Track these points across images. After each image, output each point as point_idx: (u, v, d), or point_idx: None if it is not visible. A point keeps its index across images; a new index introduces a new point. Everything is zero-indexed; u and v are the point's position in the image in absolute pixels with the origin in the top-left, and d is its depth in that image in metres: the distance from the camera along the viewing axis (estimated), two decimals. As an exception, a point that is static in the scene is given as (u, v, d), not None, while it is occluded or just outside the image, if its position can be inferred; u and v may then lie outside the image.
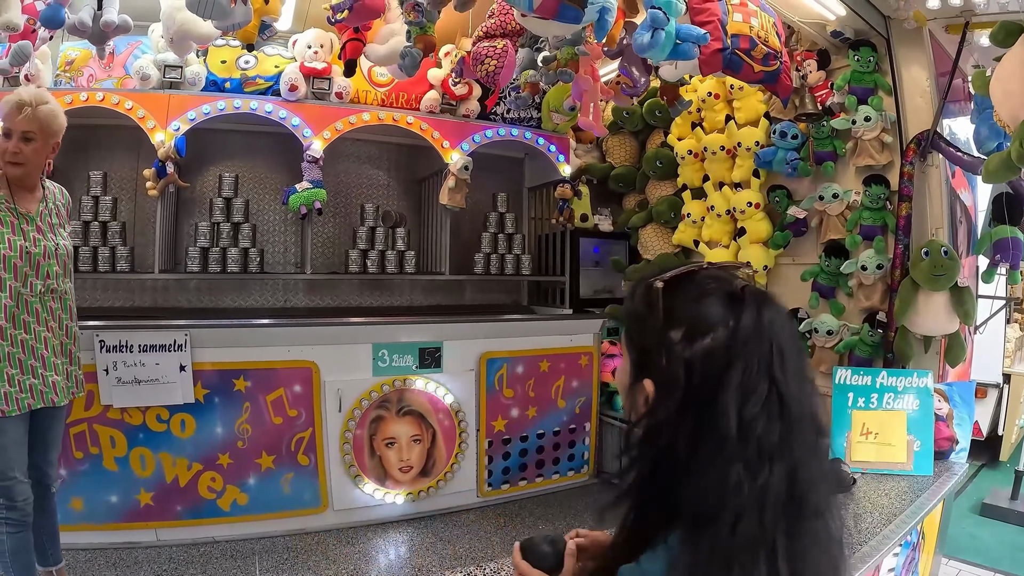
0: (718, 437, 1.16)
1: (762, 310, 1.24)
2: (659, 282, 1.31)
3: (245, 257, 5.93)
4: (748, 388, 1.18)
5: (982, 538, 6.54)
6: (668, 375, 1.24)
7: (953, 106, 5.10)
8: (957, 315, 4.64)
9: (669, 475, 1.22)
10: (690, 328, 1.25)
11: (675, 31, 3.52)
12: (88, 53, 5.51)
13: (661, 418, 1.24)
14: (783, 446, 1.19)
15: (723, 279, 1.32)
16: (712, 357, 1.21)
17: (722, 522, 1.14)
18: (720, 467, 1.15)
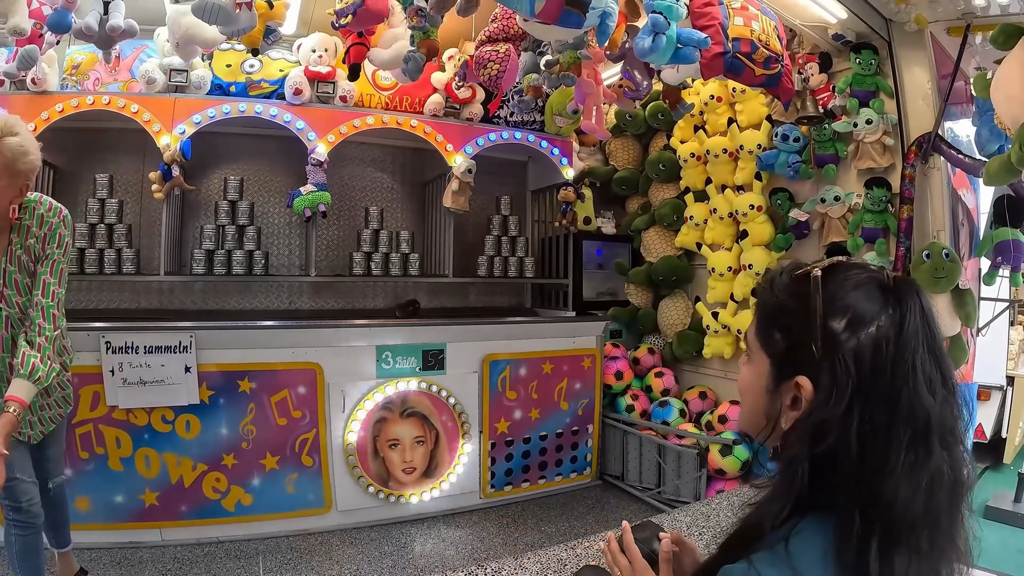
0: (916, 429, 1.15)
1: (922, 298, 1.23)
2: (816, 270, 1.29)
3: (250, 259, 5.97)
4: (929, 375, 1.17)
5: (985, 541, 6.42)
6: (833, 368, 1.19)
7: (955, 108, 5.11)
8: (959, 317, 4.65)
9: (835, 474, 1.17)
10: (853, 317, 1.21)
11: (676, 35, 3.54)
12: (94, 57, 5.55)
13: (829, 415, 1.18)
14: (958, 426, 1.20)
15: (870, 269, 1.30)
16: (880, 346, 1.18)
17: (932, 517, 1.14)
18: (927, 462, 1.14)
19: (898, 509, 1.11)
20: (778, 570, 1.13)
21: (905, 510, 1.11)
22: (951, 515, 1.17)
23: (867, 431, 1.14)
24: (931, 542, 1.13)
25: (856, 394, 1.16)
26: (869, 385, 1.16)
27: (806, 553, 1.14)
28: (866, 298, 1.22)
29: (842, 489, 1.15)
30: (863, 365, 1.17)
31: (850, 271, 1.28)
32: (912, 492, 1.11)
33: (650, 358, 7.00)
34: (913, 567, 1.10)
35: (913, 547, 1.11)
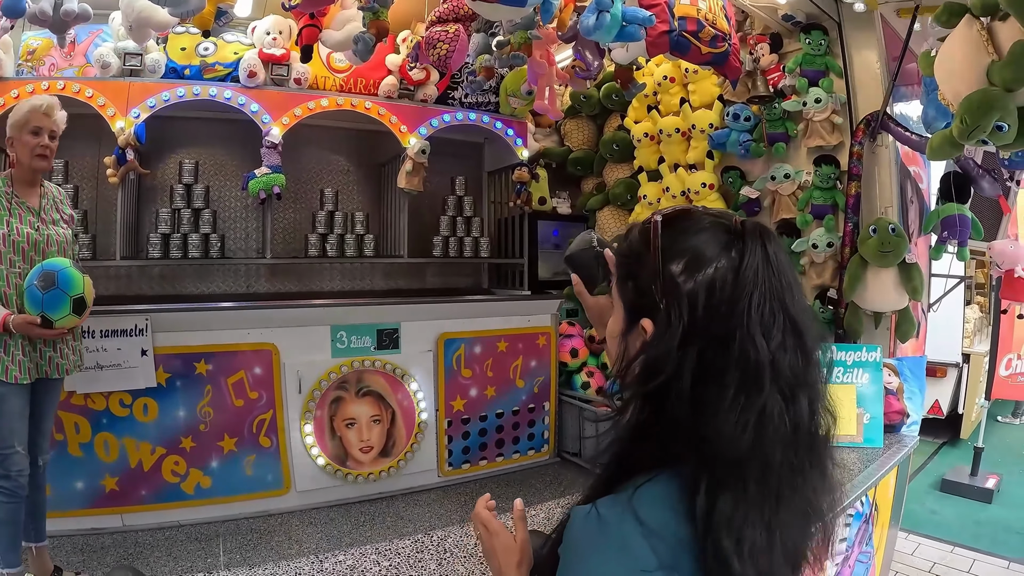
0: (746, 370, 1.14)
1: (765, 241, 1.23)
2: (657, 217, 1.30)
3: (206, 243, 5.95)
4: (767, 318, 1.17)
5: (942, 513, 6.66)
6: (668, 310, 1.20)
7: (906, 89, 5.18)
8: (906, 291, 4.72)
9: (678, 415, 1.16)
10: (690, 260, 1.22)
11: (621, 13, 3.58)
12: (49, 42, 5.48)
13: (660, 352, 1.19)
14: (806, 378, 1.21)
15: (719, 215, 1.31)
16: (716, 288, 1.18)
17: (762, 461, 1.14)
18: (754, 403, 1.14)
19: (722, 448, 1.12)
20: (616, 511, 1.15)
21: (729, 450, 1.12)
22: (789, 463, 1.17)
23: (700, 371, 1.15)
24: (760, 488, 1.14)
25: (690, 334, 1.17)
26: (704, 326, 1.17)
27: (648, 497, 1.16)
28: (706, 242, 1.24)
29: (679, 434, 1.17)
30: (696, 306, 1.18)
31: (696, 216, 1.31)
32: (738, 432, 1.12)
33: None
34: (740, 511, 1.11)
35: (738, 489, 1.12)
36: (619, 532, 1.12)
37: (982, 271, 10.89)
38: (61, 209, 4.04)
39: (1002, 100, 3.29)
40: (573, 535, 1.19)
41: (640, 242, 1.32)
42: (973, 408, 9.10)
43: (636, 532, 1.11)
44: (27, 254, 3.73)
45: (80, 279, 3.73)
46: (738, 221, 1.28)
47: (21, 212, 3.76)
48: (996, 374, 7.80)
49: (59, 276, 3.64)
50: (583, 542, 1.16)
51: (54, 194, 4.02)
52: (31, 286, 3.60)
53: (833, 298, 5.10)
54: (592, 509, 1.18)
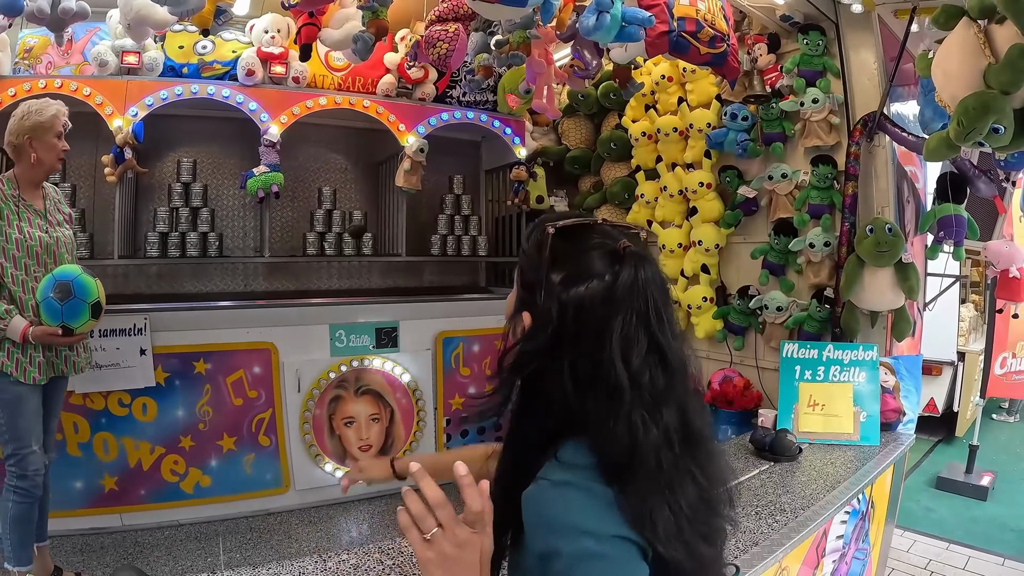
0: (610, 387, 1.27)
1: (639, 268, 1.33)
2: (551, 227, 1.41)
3: (204, 242, 5.96)
4: (629, 340, 1.29)
5: (937, 510, 6.69)
6: (543, 312, 1.34)
7: (903, 90, 5.19)
8: (902, 290, 4.73)
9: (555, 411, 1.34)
10: (569, 274, 1.34)
11: (621, 14, 3.59)
12: (47, 40, 5.48)
13: (529, 349, 1.34)
14: (669, 391, 1.33)
15: (610, 235, 1.40)
16: (585, 305, 1.31)
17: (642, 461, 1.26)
18: (621, 415, 1.27)
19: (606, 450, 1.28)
20: (561, 471, 1.29)
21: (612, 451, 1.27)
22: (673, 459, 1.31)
23: (575, 378, 1.30)
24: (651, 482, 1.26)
25: (560, 340, 1.32)
26: (574, 336, 1.31)
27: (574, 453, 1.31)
28: (589, 261, 1.36)
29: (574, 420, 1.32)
30: (566, 316, 1.32)
31: (587, 233, 1.42)
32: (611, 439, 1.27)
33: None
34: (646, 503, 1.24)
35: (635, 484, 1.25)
36: (575, 482, 1.26)
37: (977, 270, 10.91)
38: (61, 209, 4.08)
39: (999, 103, 3.31)
40: (543, 509, 1.27)
41: (534, 243, 1.44)
42: (968, 406, 9.13)
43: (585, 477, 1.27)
44: (40, 258, 3.78)
45: (94, 283, 3.78)
46: (623, 245, 1.37)
47: (29, 215, 3.79)
48: (991, 372, 7.83)
49: (74, 285, 3.68)
50: (559, 507, 1.25)
51: (53, 194, 4.06)
52: (47, 299, 3.62)
53: (830, 297, 5.11)
54: (542, 481, 1.29)
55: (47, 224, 3.88)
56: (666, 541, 1.22)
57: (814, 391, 4.49)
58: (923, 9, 4.55)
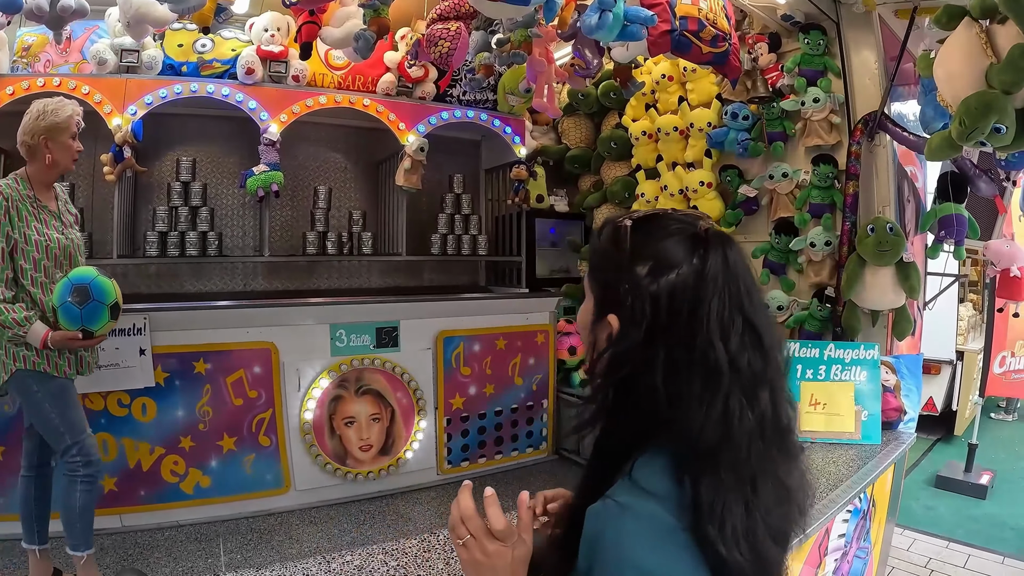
0: (708, 370, 1.23)
1: (726, 249, 1.30)
2: (627, 220, 1.38)
3: (203, 241, 5.93)
4: (724, 322, 1.25)
5: (937, 509, 6.71)
6: (633, 309, 1.28)
7: (903, 89, 5.20)
8: (903, 290, 4.74)
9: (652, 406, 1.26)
10: (656, 264, 1.29)
11: (623, 13, 3.59)
12: (45, 38, 5.46)
13: (625, 348, 1.29)
14: (764, 374, 1.28)
15: (687, 221, 1.37)
16: (678, 292, 1.26)
17: (731, 451, 1.22)
18: (717, 400, 1.22)
19: (695, 440, 1.21)
20: (632, 495, 1.22)
21: (701, 440, 1.21)
22: (759, 452, 1.25)
23: (669, 369, 1.24)
24: (735, 476, 1.21)
25: (655, 333, 1.26)
26: (667, 326, 1.25)
27: (650, 475, 1.24)
28: (672, 247, 1.31)
29: (661, 421, 1.25)
30: (659, 307, 1.26)
31: (664, 221, 1.38)
32: (706, 425, 1.21)
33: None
34: (719, 498, 1.18)
35: (715, 479, 1.20)
36: (643, 510, 1.19)
37: (975, 269, 10.93)
38: (70, 210, 4.09)
39: (1000, 102, 3.32)
40: (600, 529, 1.22)
41: (610, 241, 1.39)
42: (967, 404, 9.15)
43: (656, 505, 1.19)
44: (58, 259, 3.79)
45: (111, 284, 3.83)
46: (703, 228, 1.34)
47: (45, 216, 3.80)
48: (990, 371, 7.84)
49: (92, 288, 3.73)
50: (613, 532, 1.19)
51: (62, 195, 4.06)
52: (65, 303, 3.65)
53: (831, 296, 5.12)
54: (609, 502, 1.23)
55: (62, 225, 3.89)
56: (732, 542, 1.17)
57: (816, 390, 4.50)
58: (924, 9, 4.57)
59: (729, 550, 1.16)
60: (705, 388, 1.22)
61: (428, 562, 2.27)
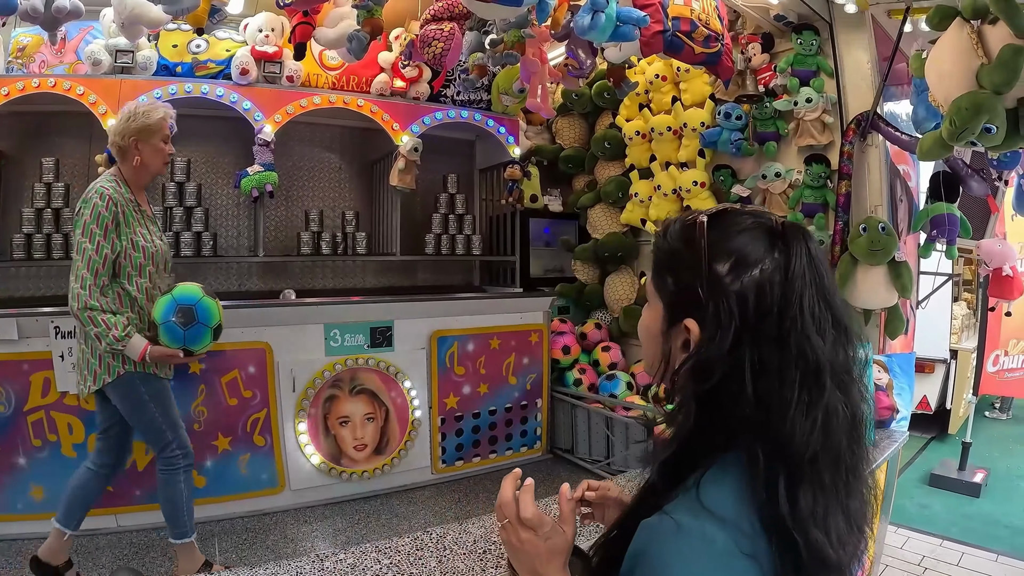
0: (807, 369, 1.17)
1: (808, 242, 1.25)
2: (702, 216, 1.31)
3: (198, 241, 5.95)
4: (818, 317, 1.19)
5: (931, 507, 6.70)
6: (717, 310, 1.21)
7: (896, 89, 5.21)
8: (895, 288, 4.75)
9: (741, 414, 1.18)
10: (737, 261, 1.23)
11: (616, 14, 3.61)
12: (40, 39, 5.47)
13: (713, 354, 1.20)
14: (854, 369, 1.24)
15: (758, 214, 1.32)
16: (765, 289, 1.20)
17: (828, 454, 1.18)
18: (821, 400, 1.17)
19: (796, 446, 1.14)
20: (692, 515, 1.14)
21: (803, 447, 1.14)
22: (852, 450, 1.21)
23: (759, 371, 1.17)
24: (833, 477, 1.17)
25: (742, 334, 1.19)
26: (755, 326, 1.19)
27: (716, 494, 1.16)
28: (751, 242, 1.25)
29: (744, 430, 1.18)
30: (747, 306, 1.20)
31: (737, 217, 1.32)
32: (809, 429, 1.15)
33: (597, 333, 7.10)
34: (820, 503, 1.14)
35: (816, 483, 1.15)
36: (700, 533, 1.11)
37: (969, 268, 10.94)
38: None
39: (991, 103, 3.33)
40: (652, 546, 1.16)
41: (681, 239, 1.33)
42: (961, 403, 9.16)
43: (717, 529, 1.11)
44: (159, 266, 3.91)
45: (215, 305, 3.95)
46: (778, 221, 1.30)
47: (146, 222, 3.89)
48: (983, 370, 7.86)
49: (198, 309, 3.84)
50: (666, 551, 1.14)
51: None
52: (169, 323, 3.75)
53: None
54: (665, 518, 1.16)
55: (158, 231, 3.99)
56: (837, 546, 1.15)
57: (808, 389, 4.50)
58: (916, 9, 4.57)
59: (837, 553, 1.14)
60: (803, 388, 1.16)
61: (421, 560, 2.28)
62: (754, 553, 1.10)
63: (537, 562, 1.39)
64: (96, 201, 3.63)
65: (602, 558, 1.41)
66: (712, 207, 1.36)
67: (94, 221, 3.60)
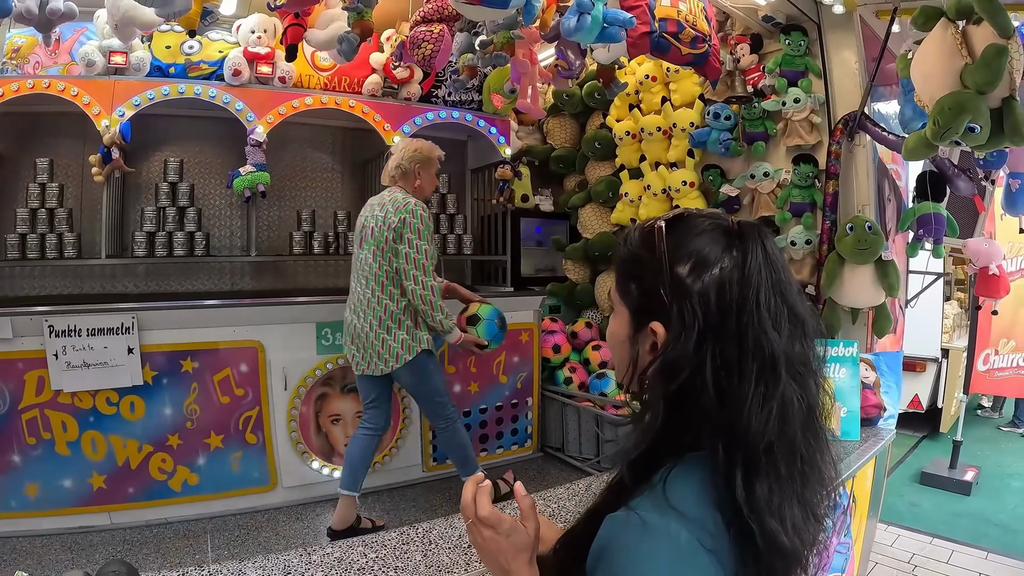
0: (763, 363, 1.21)
1: (763, 239, 1.29)
2: (660, 222, 1.35)
3: (191, 241, 5.98)
4: (774, 312, 1.23)
5: (921, 505, 6.73)
6: (681, 311, 1.24)
7: (884, 89, 5.24)
8: (882, 287, 4.78)
9: (704, 408, 1.21)
10: (697, 262, 1.26)
11: (602, 15, 3.63)
12: (34, 40, 5.48)
13: (679, 354, 1.23)
14: (811, 361, 1.28)
15: (714, 216, 1.35)
16: (724, 287, 1.23)
17: (786, 446, 1.21)
18: (777, 392, 1.21)
19: (752, 437, 1.18)
20: (657, 512, 1.16)
21: (759, 438, 1.18)
22: (808, 441, 1.24)
23: (719, 366, 1.20)
24: (789, 467, 1.20)
25: (705, 333, 1.22)
26: (717, 324, 1.22)
27: (682, 491, 1.19)
28: (709, 243, 1.28)
29: (704, 425, 1.21)
30: (709, 305, 1.23)
31: (694, 220, 1.35)
32: (764, 421, 1.18)
33: (587, 332, 7.12)
34: (776, 494, 1.17)
35: (772, 473, 1.19)
36: (666, 531, 1.13)
37: (961, 268, 10.98)
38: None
39: (974, 102, 3.36)
40: (617, 541, 1.19)
41: (642, 245, 1.37)
42: (952, 402, 9.20)
43: (681, 528, 1.13)
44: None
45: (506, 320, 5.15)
46: (734, 222, 1.33)
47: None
48: (974, 369, 7.89)
49: (504, 322, 5.10)
50: (631, 546, 1.15)
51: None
52: (491, 322, 5.01)
53: (811, 294, 5.14)
54: (631, 514, 1.19)
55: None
56: (792, 535, 1.18)
57: (795, 387, 4.52)
58: (904, 10, 4.59)
59: (791, 541, 1.17)
60: (759, 381, 1.20)
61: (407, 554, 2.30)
62: (715, 549, 1.13)
63: (502, 558, 1.45)
64: (421, 213, 4.54)
65: (567, 552, 1.43)
66: (668, 212, 1.40)
67: (426, 228, 4.54)
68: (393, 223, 4.50)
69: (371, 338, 4.53)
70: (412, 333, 4.57)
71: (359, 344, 4.62)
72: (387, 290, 4.54)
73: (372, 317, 4.54)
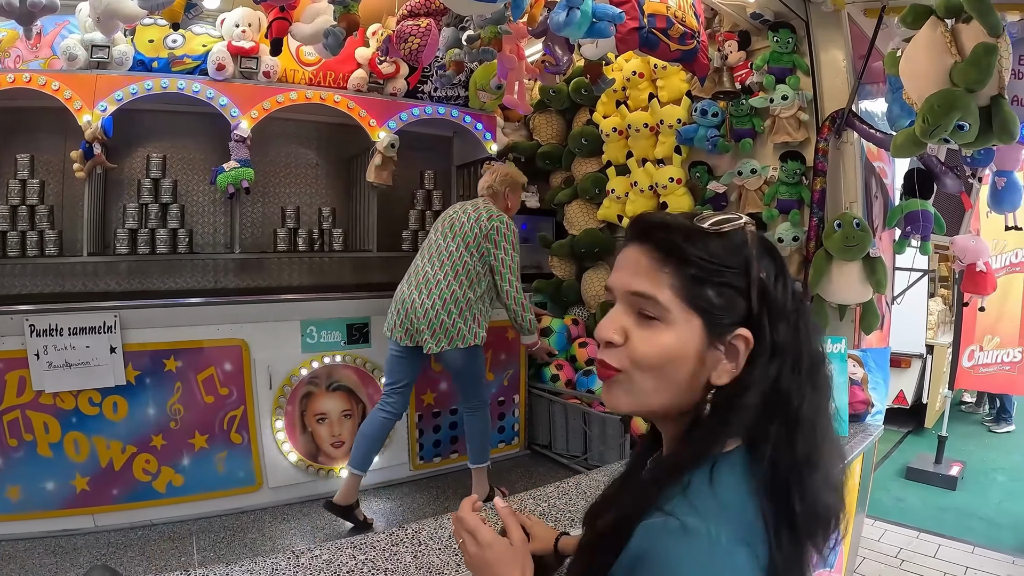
0: (814, 363, 1.25)
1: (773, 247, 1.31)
2: (751, 225, 1.27)
3: (174, 238, 5.93)
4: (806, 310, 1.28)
5: (907, 500, 6.76)
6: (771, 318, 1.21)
7: (871, 87, 5.24)
8: (870, 284, 4.78)
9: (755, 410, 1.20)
10: (770, 265, 1.24)
11: (591, 10, 3.60)
12: (15, 34, 5.40)
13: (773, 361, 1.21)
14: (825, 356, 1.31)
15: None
16: (788, 288, 1.24)
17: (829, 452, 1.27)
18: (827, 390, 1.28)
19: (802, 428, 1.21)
20: (696, 515, 1.12)
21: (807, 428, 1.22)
22: (829, 422, 1.29)
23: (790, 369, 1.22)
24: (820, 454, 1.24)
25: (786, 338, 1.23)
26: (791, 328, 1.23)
27: (729, 480, 1.18)
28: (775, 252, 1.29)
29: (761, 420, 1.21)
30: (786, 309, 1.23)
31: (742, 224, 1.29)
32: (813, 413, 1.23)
33: (574, 329, 7.07)
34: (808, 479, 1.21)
35: (812, 463, 1.22)
36: (707, 534, 1.10)
37: (945, 264, 11.03)
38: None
39: (963, 100, 3.35)
40: (657, 548, 1.12)
41: (729, 249, 1.23)
42: (937, 398, 9.24)
43: (721, 529, 1.11)
44: None
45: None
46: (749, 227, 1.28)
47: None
48: (959, 365, 7.92)
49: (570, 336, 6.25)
50: (672, 552, 1.10)
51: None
52: (562, 334, 6.71)
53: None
54: (670, 519, 1.13)
55: None
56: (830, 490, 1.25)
57: (783, 384, 4.51)
58: (892, 8, 4.59)
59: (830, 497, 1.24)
60: (808, 380, 1.23)
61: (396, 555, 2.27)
62: (751, 541, 1.13)
63: (489, 573, 1.47)
64: (510, 223, 5.10)
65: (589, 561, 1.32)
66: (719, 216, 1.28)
67: (516, 239, 5.08)
68: (485, 228, 4.98)
69: (432, 316, 4.91)
70: (478, 322, 5.06)
71: (416, 319, 4.94)
72: (460, 279, 4.97)
73: (437, 297, 4.92)
